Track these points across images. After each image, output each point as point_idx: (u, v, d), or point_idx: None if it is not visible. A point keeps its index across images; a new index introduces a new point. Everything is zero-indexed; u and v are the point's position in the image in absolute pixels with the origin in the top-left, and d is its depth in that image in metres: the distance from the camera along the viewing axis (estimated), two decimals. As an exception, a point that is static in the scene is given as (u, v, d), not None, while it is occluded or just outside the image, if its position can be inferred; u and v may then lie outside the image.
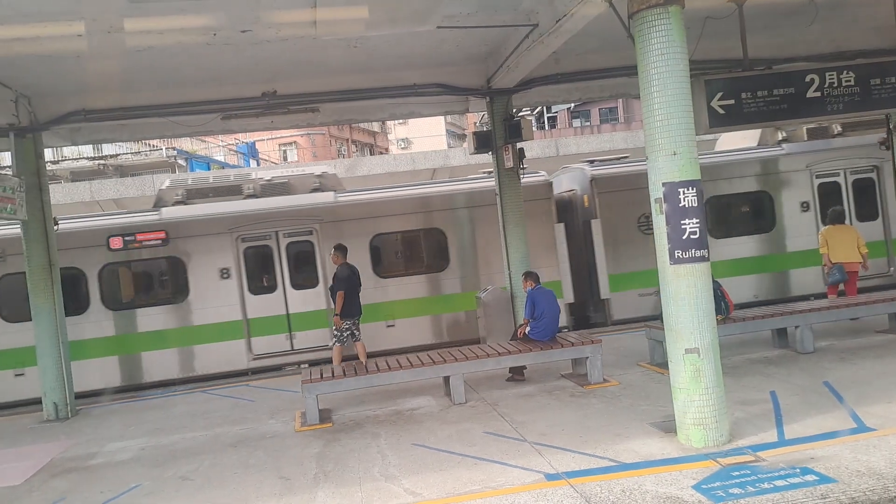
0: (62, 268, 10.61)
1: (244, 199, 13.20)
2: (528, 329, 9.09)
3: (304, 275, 13.04)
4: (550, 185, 13.74)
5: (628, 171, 13.55)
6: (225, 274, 12.65)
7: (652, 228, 6.39)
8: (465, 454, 6.52)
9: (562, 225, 13.53)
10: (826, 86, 8.89)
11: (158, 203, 13.17)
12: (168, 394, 11.30)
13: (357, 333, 10.21)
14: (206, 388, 11.28)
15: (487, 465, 6.15)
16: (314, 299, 12.86)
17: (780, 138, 14.65)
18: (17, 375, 12.04)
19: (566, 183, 14.88)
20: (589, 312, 14.22)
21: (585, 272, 13.92)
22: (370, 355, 10.15)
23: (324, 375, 8.39)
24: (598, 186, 13.54)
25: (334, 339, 10.20)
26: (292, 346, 12.82)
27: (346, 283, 10.02)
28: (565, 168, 15.71)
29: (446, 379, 8.64)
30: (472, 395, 8.67)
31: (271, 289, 12.89)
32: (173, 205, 12.96)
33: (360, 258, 12.09)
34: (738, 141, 15.00)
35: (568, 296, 13.31)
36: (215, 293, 12.62)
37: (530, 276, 9.47)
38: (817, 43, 11.14)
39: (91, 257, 12.35)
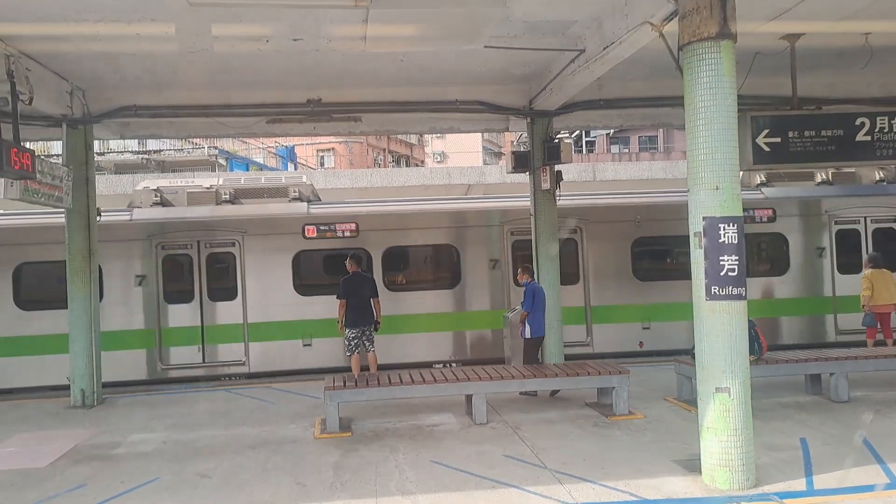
0: None
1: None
2: (527, 330, 9.53)
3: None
4: None
5: None
6: None
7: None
8: (483, 476, 6.46)
9: None
10: (877, 130, 8.75)
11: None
12: (191, 389, 11.42)
13: (368, 344, 10.23)
14: (229, 387, 11.39)
15: (506, 490, 6.08)
16: None
17: (758, 182, 13.96)
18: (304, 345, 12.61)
19: None
20: None
21: None
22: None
23: (346, 384, 8.41)
24: None
25: (347, 350, 10.31)
26: None
27: (345, 293, 10.10)
28: None
29: (468, 397, 8.59)
30: (494, 416, 8.61)
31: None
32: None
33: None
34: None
35: None
36: None
37: (528, 269, 10.00)
38: (869, 86, 10.97)
39: None
